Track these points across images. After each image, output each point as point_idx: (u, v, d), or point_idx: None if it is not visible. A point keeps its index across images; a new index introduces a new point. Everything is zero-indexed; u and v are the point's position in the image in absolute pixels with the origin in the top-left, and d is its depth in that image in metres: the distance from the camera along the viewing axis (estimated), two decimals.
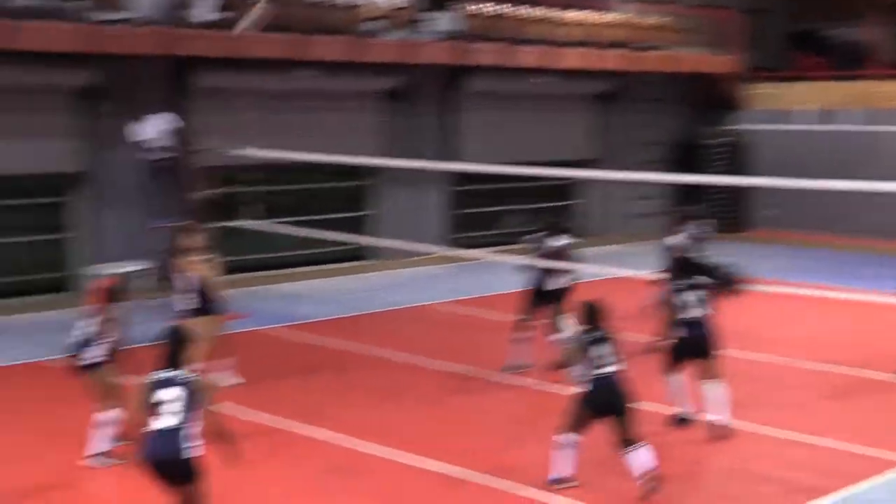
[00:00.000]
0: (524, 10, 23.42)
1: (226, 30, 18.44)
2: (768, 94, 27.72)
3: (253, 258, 20.78)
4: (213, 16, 18.62)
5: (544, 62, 23.24)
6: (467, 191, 24.30)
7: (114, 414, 9.78)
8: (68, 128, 18.06)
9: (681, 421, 11.19)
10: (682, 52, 26.72)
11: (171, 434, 7.16)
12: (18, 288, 17.97)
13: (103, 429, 9.84)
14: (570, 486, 9.28)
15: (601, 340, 9.35)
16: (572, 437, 9.29)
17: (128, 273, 15.97)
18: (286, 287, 19.74)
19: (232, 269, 20.07)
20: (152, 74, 18.26)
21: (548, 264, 13.54)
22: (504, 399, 12.56)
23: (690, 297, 10.90)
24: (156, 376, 7.38)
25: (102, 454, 9.86)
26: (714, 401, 10.89)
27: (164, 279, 18.26)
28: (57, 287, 18.28)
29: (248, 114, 17.88)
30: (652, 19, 26.35)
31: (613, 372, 9.27)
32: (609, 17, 25.32)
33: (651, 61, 25.56)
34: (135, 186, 18.54)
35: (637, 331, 12.32)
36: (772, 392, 12.91)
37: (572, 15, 24.42)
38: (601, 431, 9.39)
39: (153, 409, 7.22)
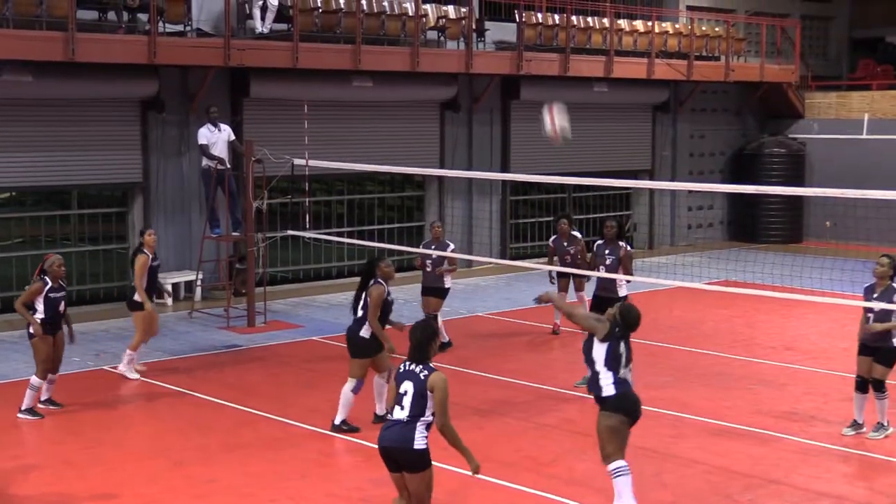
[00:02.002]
0: (580, 20, 23.36)
1: (282, 41, 18.61)
2: (828, 103, 27.39)
3: (308, 268, 20.93)
4: (270, 27, 18.81)
5: (601, 72, 23.16)
6: (523, 201, 24.29)
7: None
8: (131, 139, 18.35)
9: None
10: (741, 61, 26.50)
11: (396, 425, 7.55)
12: (82, 296, 18.24)
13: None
14: None
15: (627, 342, 8.85)
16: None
17: None
18: (341, 297, 19.78)
19: (286, 279, 20.41)
20: (210, 85, 18.46)
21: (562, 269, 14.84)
22: (567, 412, 12.34)
23: None
24: (402, 367, 7.70)
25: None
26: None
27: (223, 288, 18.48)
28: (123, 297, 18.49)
29: (305, 124, 18.01)
30: (710, 28, 26.16)
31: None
32: (666, 26, 25.17)
33: (709, 71, 25.36)
34: (190, 196, 18.80)
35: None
36: (828, 405, 12.73)
37: (629, 24, 24.32)
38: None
39: (398, 398, 7.59)
